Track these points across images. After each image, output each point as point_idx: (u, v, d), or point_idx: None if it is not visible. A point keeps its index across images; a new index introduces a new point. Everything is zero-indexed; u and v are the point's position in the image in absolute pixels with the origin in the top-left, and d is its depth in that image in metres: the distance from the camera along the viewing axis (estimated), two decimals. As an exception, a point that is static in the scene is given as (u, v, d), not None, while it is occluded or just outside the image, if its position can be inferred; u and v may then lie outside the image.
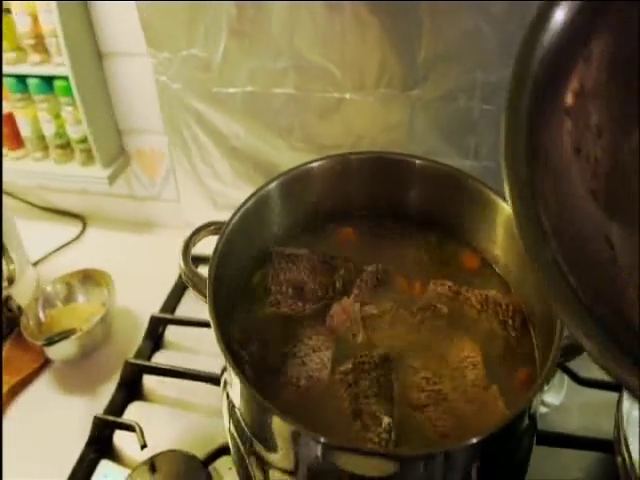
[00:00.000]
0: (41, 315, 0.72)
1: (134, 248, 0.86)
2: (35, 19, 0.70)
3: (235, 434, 0.45)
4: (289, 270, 0.52)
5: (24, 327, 0.69)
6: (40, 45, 0.73)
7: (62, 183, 0.83)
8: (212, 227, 0.51)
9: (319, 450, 0.35)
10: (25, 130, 0.80)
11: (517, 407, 0.35)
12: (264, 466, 0.41)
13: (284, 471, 0.39)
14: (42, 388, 0.67)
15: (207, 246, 0.47)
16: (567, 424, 0.57)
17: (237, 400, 0.43)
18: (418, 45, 0.60)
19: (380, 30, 0.60)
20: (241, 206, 0.50)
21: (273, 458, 0.40)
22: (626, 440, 0.47)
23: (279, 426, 0.37)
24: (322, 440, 0.34)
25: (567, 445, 0.53)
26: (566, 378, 0.60)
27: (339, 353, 0.45)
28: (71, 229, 0.90)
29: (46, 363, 0.69)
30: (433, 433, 0.39)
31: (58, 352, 0.68)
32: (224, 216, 0.49)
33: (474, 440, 0.32)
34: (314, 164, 0.54)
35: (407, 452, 0.37)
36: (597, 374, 0.60)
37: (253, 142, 0.72)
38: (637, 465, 0.45)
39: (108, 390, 0.64)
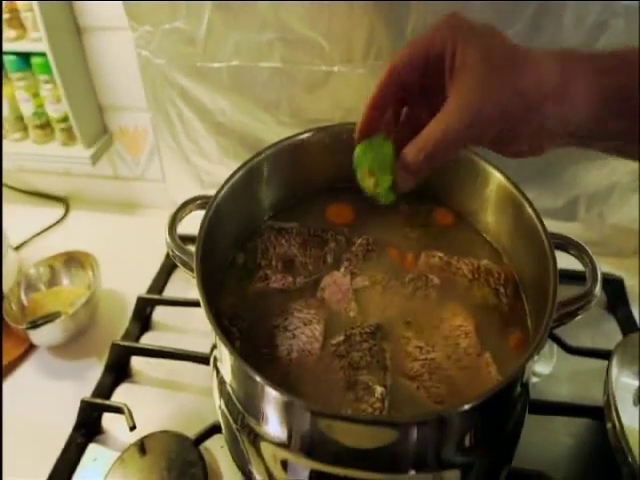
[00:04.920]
0: (24, 299, 0.71)
1: (119, 230, 0.85)
2: (9, -9, 0.68)
3: (226, 411, 0.44)
4: (279, 244, 0.51)
5: (6, 312, 0.67)
6: (15, 20, 0.70)
7: (43, 164, 0.81)
8: (199, 201, 0.49)
9: (311, 420, 0.35)
10: (2, 110, 0.77)
11: (510, 372, 0.35)
12: (256, 441, 0.41)
13: (277, 444, 0.39)
14: (28, 373, 0.66)
15: (195, 226, 0.46)
16: (558, 393, 0.58)
17: (228, 375, 0.42)
18: (406, 15, 0.59)
19: (368, 0, 0.59)
20: (229, 179, 0.48)
21: (265, 431, 0.39)
22: (615, 406, 0.47)
23: (271, 397, 0.36)
24: (314, 409, 0.33)
25: (558, 413, 0.54)
26: (556, 348, 0.61)
27: (331, 326, 0.45)
28: (54, 212, 0.88)
29: (31, 348, 0.68)
30: (427, 401, 0.39)
31: (43, 336, 0.66)
32: (211, 194, 0.47)
33: (467, 406, 0.32)
34: (303, 136, 0.53)
35: (399, 418, 0.37)
36: (586, 342, 0.61)
37: (239, 117, 0.71)
38: (626, 430, 0.46)
39: (96, 373, 0.63)
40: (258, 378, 0.35)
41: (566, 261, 0.44)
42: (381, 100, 0.35)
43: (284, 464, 0.39)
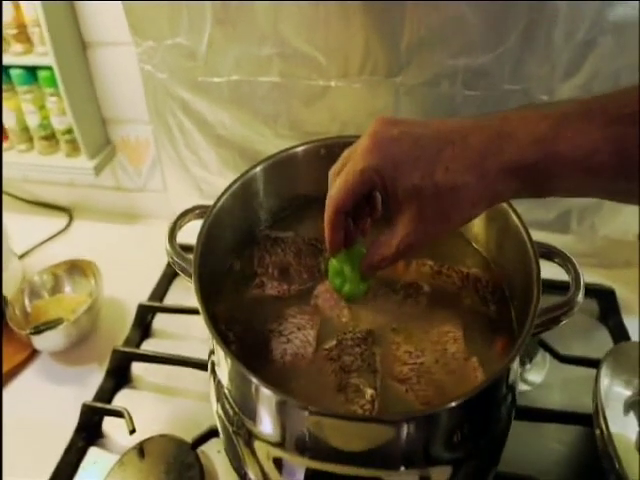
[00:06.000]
0: (27, 305, 0.72)
1: (121, 239, 0.86)
2: (17, 8, 0.70)
3: (222, 414, 0.46)
4: (275, 253, 0.53)
5: (10, 317, 0.68)
6: (23, 35, 0.72)
7: (47, 175, 0.83)
8: (198, 211, 0.51)
9: (305, 418, 0.36)
10: (9, 122, 0.79)
11: (494, 372, 0.36)
12: (251, 442, 0.42)
13: (272, 444, 0.40)
14: (30, 378, 0.67)
15: (195, 236, 0.48)
16: (550, 400, 0.58)
17: (224, 378, 0.44)
18: (401, 31, 0.61)
19: (364, 16, 0.61)
20: (227, 189, 0.50)
21: (260, 431, 0.40)
22: (604, 413, 0.48)
23: (265, 397, 0.37)
24: (307, 407, 0.34)
25: (549, 420, 0.55)
26: (548, 357, 0.62)
27: (324, 331, 0.46)
28: (57, 222, 0.89)
29: (33, 354, 0.69)
30: (415, 403, 0.40)
31: (45, 342, 0.67)
32: (209, 203, 0.49)
33: (454, 403, 0.33)
34: (299, 148, 0.55)
35: (387, 416, 0.38)
36: (578, 352, 0.62)
37: (239, 130, 0.73)
38: (614, 437, 0.47)
39: (97, 379, 0.64)
40: (253, 379, 0.36)
41: (552, 271, 0.46)
42: (337, 227, 0.40)
43: (279, 463, 0.40)
